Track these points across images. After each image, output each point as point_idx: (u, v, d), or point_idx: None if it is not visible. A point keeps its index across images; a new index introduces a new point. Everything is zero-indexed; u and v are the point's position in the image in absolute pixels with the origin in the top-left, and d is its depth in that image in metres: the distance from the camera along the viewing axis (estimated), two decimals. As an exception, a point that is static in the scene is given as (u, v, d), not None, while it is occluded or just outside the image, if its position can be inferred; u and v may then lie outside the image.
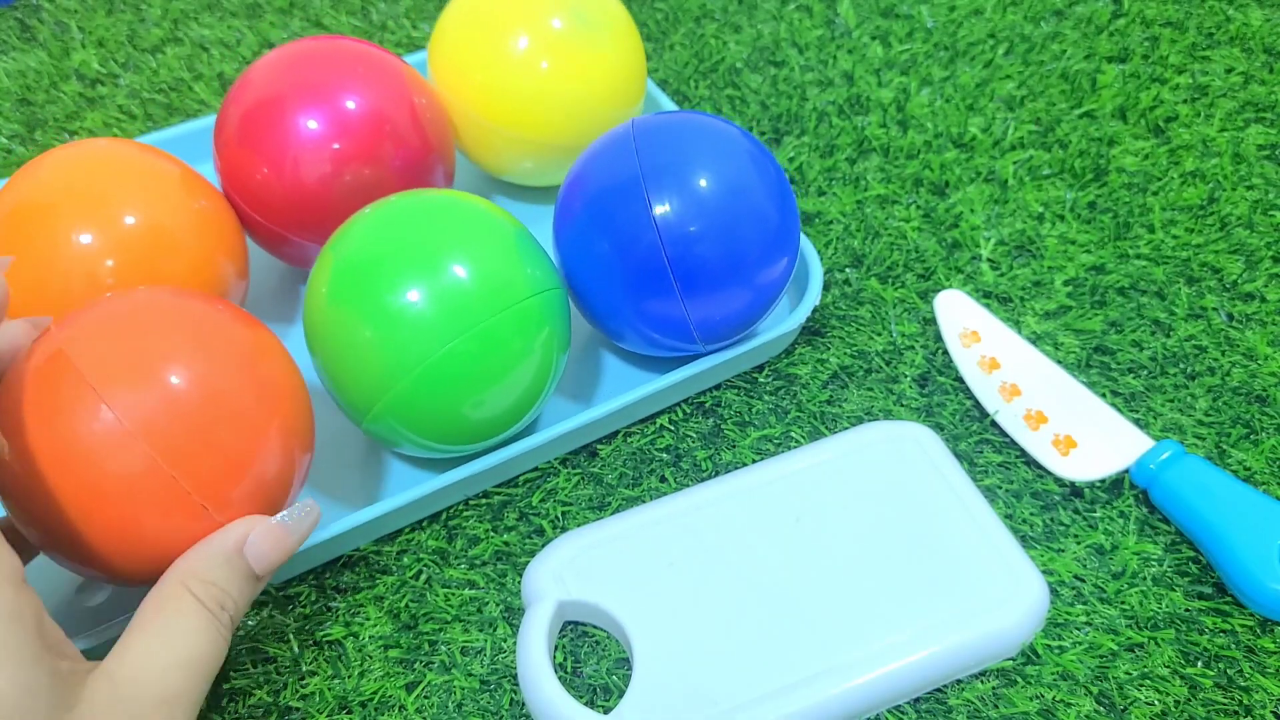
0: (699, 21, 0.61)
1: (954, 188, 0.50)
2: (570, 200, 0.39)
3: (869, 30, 0.60)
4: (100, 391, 0.27)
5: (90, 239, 0.35)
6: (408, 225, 0.35)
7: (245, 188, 0.40)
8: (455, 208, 0.36)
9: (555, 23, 0.43)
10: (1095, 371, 0.43)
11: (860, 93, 0.56)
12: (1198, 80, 0.56)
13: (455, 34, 0.44)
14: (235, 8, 0.63)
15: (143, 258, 0.36)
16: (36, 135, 0.54)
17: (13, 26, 0.61)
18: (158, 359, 0.29)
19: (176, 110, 0.56)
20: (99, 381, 0.28)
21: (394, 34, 0.61)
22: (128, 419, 0.27)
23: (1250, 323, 0.44)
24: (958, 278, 0.47)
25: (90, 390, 0.27)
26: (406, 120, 0.41)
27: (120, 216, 0.36)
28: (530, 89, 0.43)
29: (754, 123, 0.54)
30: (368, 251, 0.35)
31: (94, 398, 0.27)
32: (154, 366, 0.29)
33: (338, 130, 0.39)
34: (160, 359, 0.29)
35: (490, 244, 0.35)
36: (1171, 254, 0.47)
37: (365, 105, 0.40)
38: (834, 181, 0.51)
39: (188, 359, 0.29)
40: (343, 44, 0.42)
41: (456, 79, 0.44)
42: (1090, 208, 0.49)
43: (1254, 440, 0.40)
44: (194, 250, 0.38)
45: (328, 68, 0.40)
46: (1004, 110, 0.54)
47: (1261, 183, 0.50)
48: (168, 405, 0.28)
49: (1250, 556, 0.35)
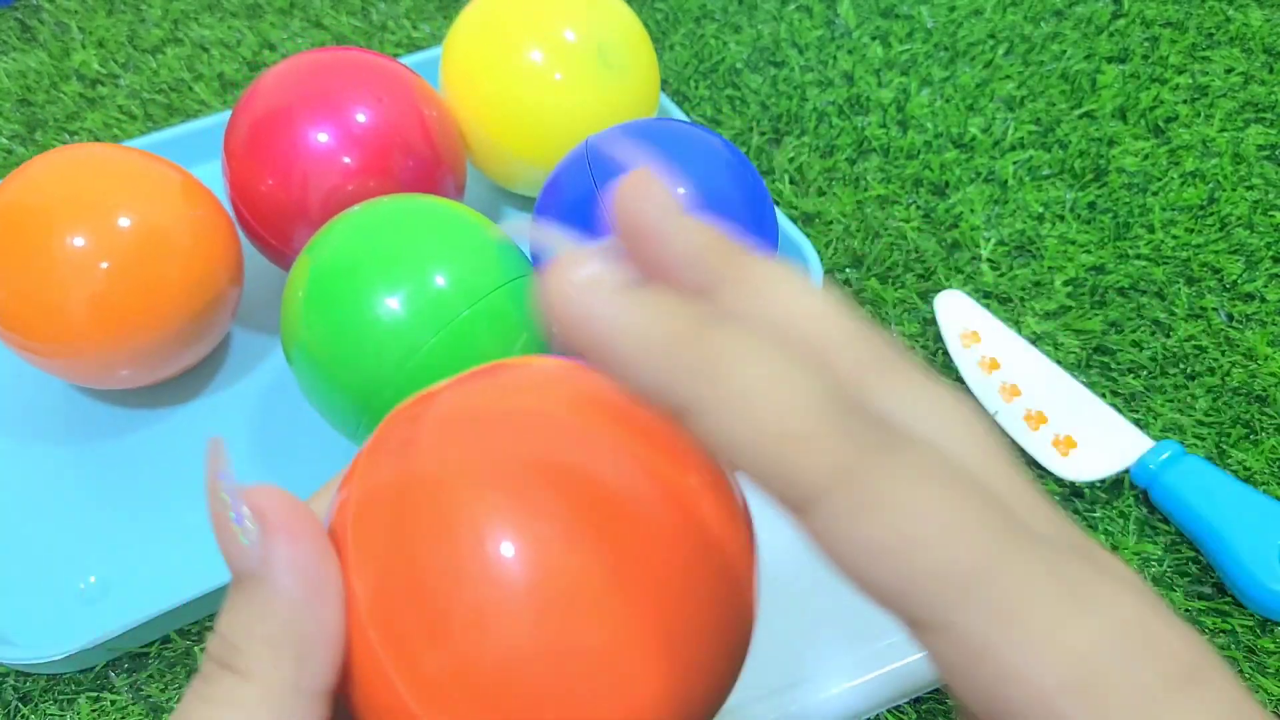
0: (699, 21, 0.61)
1: (954, 188, 0.50)
2: (544, 217, 0.39)
3: (869, 30, 0.60)
4: None
5: (84, 243, 0.35)
6: (371, 233, 0.35)
7: (253, 199, 0.40)
8: (420, 211, 0.36)
9: (568, 34, 0.43)
10: (1095, 371, 0.43)
11: (860, 93, 0.56)
12: (1198, 80, 0.56)
13: (468, 45, 0.44)
14: (235, 8, 0.63)
15: (137, 263, 0.36)
16: (36, 135, 0.54)
17: (13, 27, 0.61)
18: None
19: (176, 110, 0.56)
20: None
21: (394, 34, 0.61)
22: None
23: (1250, 323, 0.44)
24: (958, 278, 0.46)
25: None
26: (417, 132, 0.41)
27: (114, 221, 0.36)
28: (543, 101, 0.43)
29: (754, 123, 0.54)
30: (334, 264, 0.35)
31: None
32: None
33: (348, 143, 0.39)
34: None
35: (457, 242, 0.35)
36: (1171, 254, 0.47)
37: (376, 118, 0.40)
38: (834, 182, 0.51)
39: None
40: (353, 55, 0.41)
41: (469, 90, 0.44)
42: (1090, 208, 0.49)
43: (1254, 440, 0.40)
44: (188, 256, 0.37)
45: (338, 79, 0.40)
46: (1004, 110, 0.54)
47: (1261, 183, 0.50)
48: None
49: (1250, 556, 0.35)
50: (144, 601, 0.34)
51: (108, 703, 0.34)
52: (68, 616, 0.36)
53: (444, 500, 0.15)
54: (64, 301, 0.35)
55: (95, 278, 0.35)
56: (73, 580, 0.37)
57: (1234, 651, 0.35)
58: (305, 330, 0.34)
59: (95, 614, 0.36)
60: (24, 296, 0.35)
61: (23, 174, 0.37)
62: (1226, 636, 0.35)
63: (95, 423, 0.41)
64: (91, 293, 0.35)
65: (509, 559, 0.15)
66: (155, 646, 0.35)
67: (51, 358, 0.37)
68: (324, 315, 0.34)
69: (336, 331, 0.34)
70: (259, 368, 0.43)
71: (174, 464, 0.40)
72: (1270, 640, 0.35)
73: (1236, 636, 0.35)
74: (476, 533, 0.15)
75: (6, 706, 0.34)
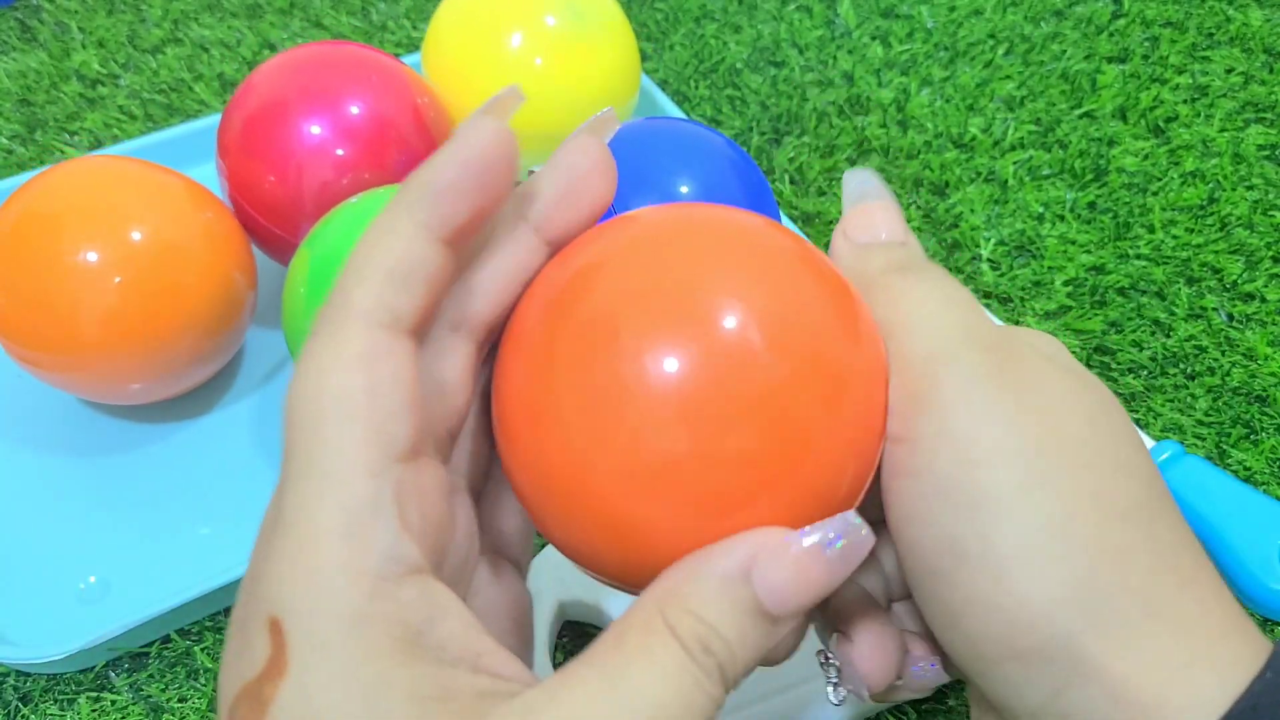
0: (699, 21, 0.61)
1: (954, 188, 0.50)
2: None
3: (869, 30, 0.60)
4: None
5: (98, 255, 0.35)
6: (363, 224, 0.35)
7: (250, 195, 0.40)
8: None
9: (548, 19, 0.43)
10: (1095, 371, 0.43)
11: (860, 93, 0.56)
12: (1198, 80, 0.56)
13: (449, 32, 0.45)
14: (235, 8, 0.63)
15: (153, 272, 0.36)
16: (36, 135, 0.54)
17: (13, 27, 0.61)
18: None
19: (176, 111, 0.56)
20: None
21: (394, 34, 0.61)
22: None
23: (1250, 323, 0.44)
24: (958, 278, 0.46)
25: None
26: (410, 123, 0.41)
27: (128, 231, 0.36)
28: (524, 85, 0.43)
29: (754, 123, 0.54)
30: (334, 256, 0.35)
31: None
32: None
33: (342, 136, 0.39)
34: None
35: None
36: (1171, 254, 0.47)
37: (369, 110, 0.40)
38: (834, 181, 0.51)
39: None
40: (345, 49, 0.42)
41: (451, 77, 0.45)
42: (1090, 208, 0.49)
43: (1254, 440, 0.40)
44: (204, 262, 0.37)
45: (331, 73, 0.40)
46: (1004, 110, 0.54)
47: (1261, 183, 0.50)
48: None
49: (1250, 556, 0.35)
50: (144, 601, 0.34)
51: (108, 703, 0.34)
52: (68, 616, 0.36)
53: (614, 322, 0.18)
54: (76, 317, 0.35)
55: (112, 289, 0.35)
56: (73, 580, 0.37)
57: (1234, 651, 0.35)
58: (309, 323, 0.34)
59: (95, 614, 0.36)
60: (36, 312, 0.35)
61: (32, 187, 0.36)
62: (1226, 636, 0.35)
63: (99, 431, 0.41)
64: (109, 304, 0.35)
65: (670, 374, 0.17)
66: (155, 646, 0.35)
67: (63, 373, 0.37)
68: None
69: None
70: (267, 369, 0.43)
71: (174, 464, 0.40)
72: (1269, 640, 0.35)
73: (1236, 636, 0.35)
74: (639, 350, 0.17)
75: (6, 706, 0.34)
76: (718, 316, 0.18)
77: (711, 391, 0.17)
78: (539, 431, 0.18)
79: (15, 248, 0.35)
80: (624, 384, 0.17)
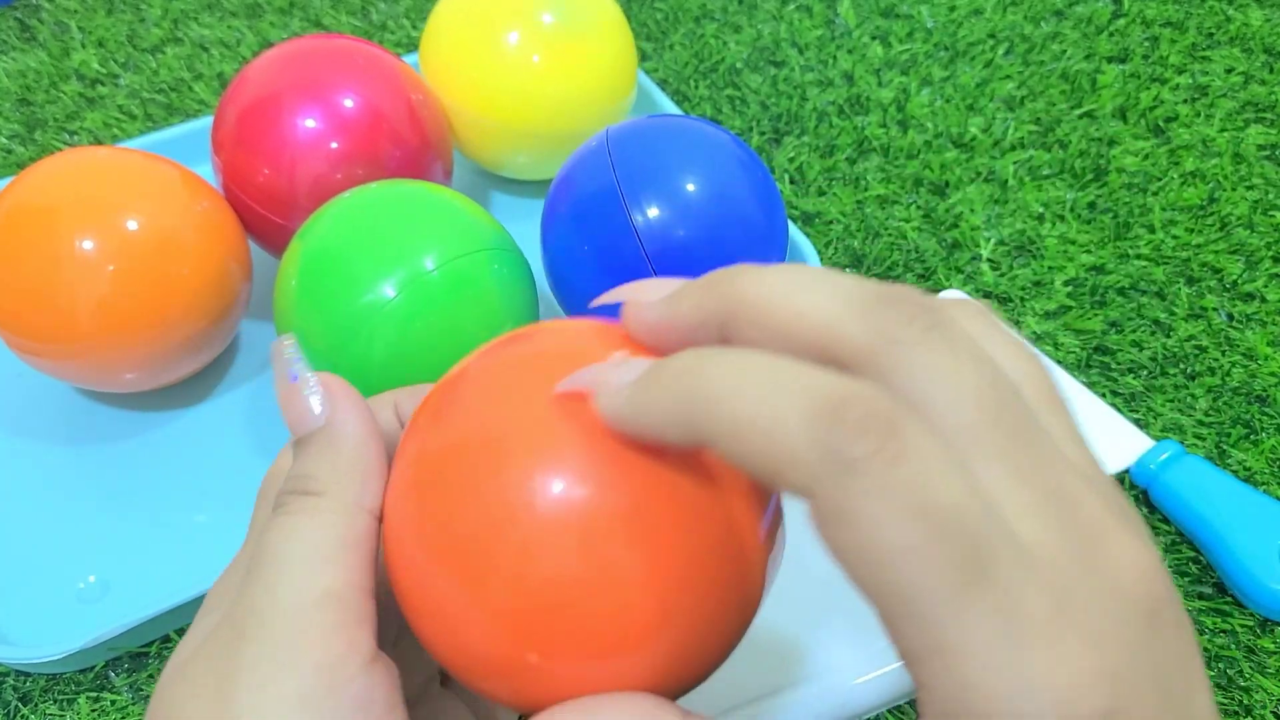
0: (699, 21, 0.61)
1: (954, 188, 0.50)
2: (555, 209, 0.39)
3: (869, 30, 0.60)
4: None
5: (93, 244, 0.35)
6: (362, 217, 0.35)
7: (244, 188, 0.40)
8: (409, 195, 0.36)
9: (545, 17, 0.43)
10: (1095, 371, 0.43)
11: (860, 93, 0.56)
12: (1198, 80, 0.56)
13: (446, 30, 0.45)
14: (235, 8, 0.63)
15: (148, 261, 0.36)
16: (36, 135, 0.54)
17: (13, 26, 0.61)
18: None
19: (176, 110, 0.56)
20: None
21: (394, 34, 0.61)
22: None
23: (1250, 323, 0.44)
24: (958, 278, 0.46)
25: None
26: (404, 117, 0.41)
27: (124, 222, 0.36)
28: (521, 83, 0.44)
29: (754, 123, 0.54)
30: (326, 249, 0.35)
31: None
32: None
33: (335, 129, 0.39)
34: None
35: (446, 226, 0.36)
36: (1171, 254, 0.47)
37: (362, 103, 0.40)
38: (834, 181, 0.51)
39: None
40: (338, 42, 0.42)
41: (448, 75, 0.45)
42: (1090, 208, 0.49)
43: (1254, 440, 0.40)
44: (200, 253, 0.37)
45: (324, 66, 0.40)
46: (1004, 110, 0.54)
47: (1261, 183, 0.50)
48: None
49: (1250, 556, 0.35)
50: (144, 601, 0.34)
51: (108, 703, 0.34)
52: (67, 616, 0.36)
53: (494, 455, 0.17)
54: (71, 305, 0.35)
55: (102, 280, 0.35)
56: (72, 580, 0.36)
57: (1234, 651, 0.35)
58: (300, 318, 0.34)
59: (95, 614, 0.36)
60: (30, 301, 0.35)
61: (27, 177, 0.37)
62: (1226, 636, 0.35)
63: (95, 422, 0.41)
64: (105, 295, 0.35)
65: (555, 498, 0.17)
66: (155, 646, 0.35)
67: (57, 361, 0.37)
68: (317, 301, 0.34)
69: (330, 317, 0.34)
70: (261, 359, 0.43)
71: (174, 463, 0.40)
72: (1270, 640, 0.35)
73: (1236, 636, 0.35)
74: (527, 477, 0.17)
75: (6, 706, 0.34)
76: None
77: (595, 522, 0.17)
78: (419, 571, 0.18)
79: (10, 236, 0.35)
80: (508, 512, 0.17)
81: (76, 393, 0.42)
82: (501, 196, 0.50)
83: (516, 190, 0.51)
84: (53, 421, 0.41)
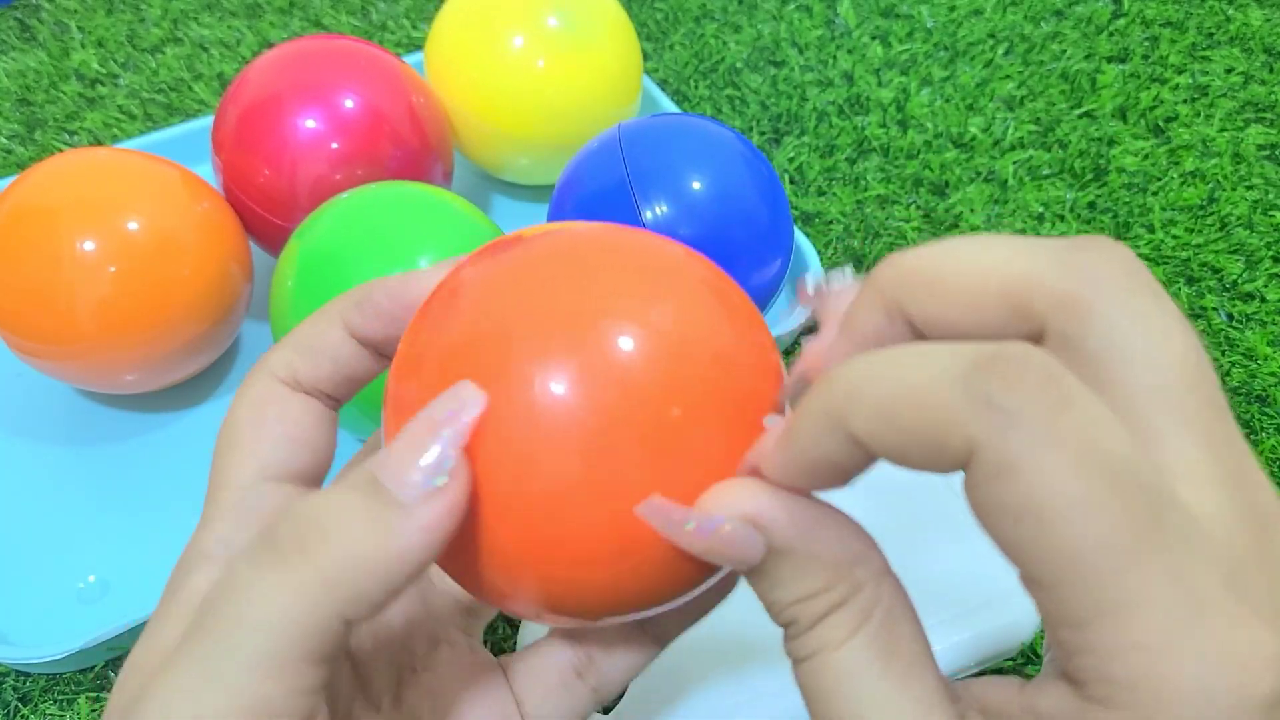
0: (699, 21, 0.61)
1: (954, 188, 0.50)
2: (562, 207, 0.39)
3: (869, 30, 0.60)
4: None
5: (94, 245, 0.35)
6: (360, 218, 0.35)
7: (244, 189, 0.40)
8: (408, 197, 0.36)
9: (550, 21, 0.43)
10: (1095, 371, 0.43)
11: (860, 93, 0.56)
12: (1198, 80, 0.56)
13: (451, 33, 0.45)
14: (235, 8, 0.63)
15: (149, 262, 0.36)
16: (36, 135, 0.54)
17: (13, 26, 0.61)
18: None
19: (176, 110, 0.56)
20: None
21: (394, 34, 0.61)
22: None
23: (1250, 323, 0.44)
24: (958, 278, 0.46)
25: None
26: (404, 119, 0.41)
27: (124, 222, 0.36)
28: (526, 87, 0.44)
29: (754, 123, 0.54)
30: (323, 250, 0.35)
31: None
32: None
33: (336, 129, 0.39)
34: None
35: (445, 227, 0.36)
36: (1171, 254, 0.47)
37: (363, 104, 0.40)
38: (834, 181, 0.51)
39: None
40: (339, 43, 0.42)
41: (453, 77, 0.45)
42: (1090, 208, 0.49)
43: (1254, 440, 0.40)
44: (201, 254, 0.37)
45: (325, 67, 0.40)
46: (1004, 110, 0.54)
47: (1261, 183, 0.50)
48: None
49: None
50: (144, 601, 0.34)
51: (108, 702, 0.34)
52: (67, 616, 0.36)
53: (496, 352, 0.17)
54: (72, 306, 0.35)
55: (103, 281, 0.35)
56: (72, 580, 0.36)
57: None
58: (296, 319, 0.34)
59: (95, 614, 0.36)
60: (31, 301, 0.35)
61: (27, 178, 0.36)
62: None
63: (95, 422, 0.41)
64: (105, 295, 0.35)
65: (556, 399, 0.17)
66: (155, 646, 0.35)
67: (58, 362, 0.37)
68: (314, 302, 0.34)
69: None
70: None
71: (173, 463, 0.40)
72: None
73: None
74: (526, 378, 0.17)
75: (6, 706, 0.34)
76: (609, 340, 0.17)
77: (602, 419, 0.16)
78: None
79: (11, 237, 0.35)
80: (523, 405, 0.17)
81: (76, 393, 0.42)
82: (501, 200, 0.50)
83: (516, 194, 0.51)
84: (53, 421, 0.41)
